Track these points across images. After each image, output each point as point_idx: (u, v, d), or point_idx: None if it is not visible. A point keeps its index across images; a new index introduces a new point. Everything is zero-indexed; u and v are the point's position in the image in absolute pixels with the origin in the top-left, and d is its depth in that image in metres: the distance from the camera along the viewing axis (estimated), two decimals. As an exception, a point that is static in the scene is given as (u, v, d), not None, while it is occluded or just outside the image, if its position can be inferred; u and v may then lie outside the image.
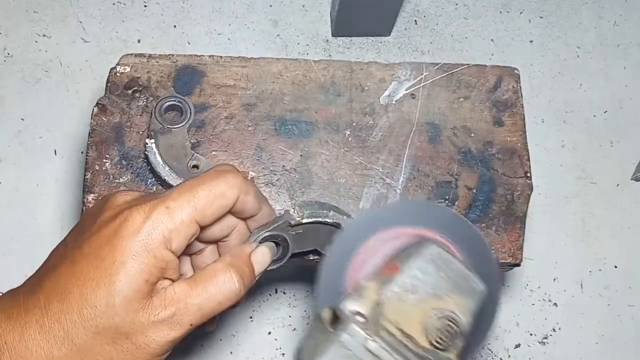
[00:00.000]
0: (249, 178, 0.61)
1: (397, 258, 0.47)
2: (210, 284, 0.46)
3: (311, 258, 0.62)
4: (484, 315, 0.49)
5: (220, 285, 0.46)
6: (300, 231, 0.54)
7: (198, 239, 0.48)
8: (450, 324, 0.44)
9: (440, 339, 0.43)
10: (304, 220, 0.53)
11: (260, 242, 0.51)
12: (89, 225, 0.45)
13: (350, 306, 0.43)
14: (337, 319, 0.43)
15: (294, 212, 0.53)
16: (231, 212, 0.49)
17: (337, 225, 0.55)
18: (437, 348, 0.43)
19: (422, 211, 0.51)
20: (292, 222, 0.52)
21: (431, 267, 0.45)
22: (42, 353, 0.42)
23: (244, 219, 0.51)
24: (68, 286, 0.43)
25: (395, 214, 0.51)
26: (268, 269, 0.52)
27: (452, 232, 0.50)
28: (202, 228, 0.46)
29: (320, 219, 0.54)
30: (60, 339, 0.42)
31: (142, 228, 0.43)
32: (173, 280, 0.45)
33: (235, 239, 0.52)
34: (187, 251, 0.49)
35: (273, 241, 0.52)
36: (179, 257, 0.46)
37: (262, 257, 0.50)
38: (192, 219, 0.45)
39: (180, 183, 0.47)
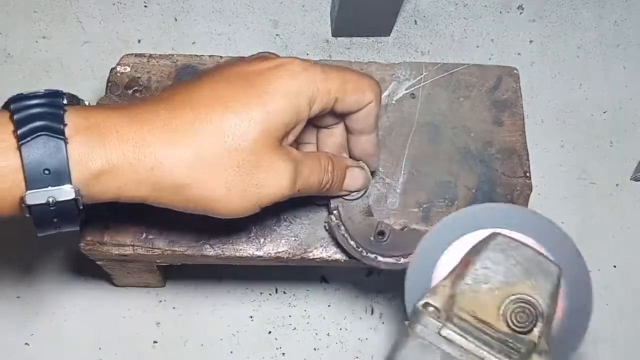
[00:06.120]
0: None
1: (469, 255, 0.49)
2: (314, 161, 0.50)
3: (312, 257, 0.62)
4: (577, 299, 0.50)
5: (322, 166, 0.51)
6: None
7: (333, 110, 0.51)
8: (527, 306, 0.44)
9: (518, 321, 0.44)
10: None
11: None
12: (245, 61, 0.47)
13: (421, 301, 0.45)
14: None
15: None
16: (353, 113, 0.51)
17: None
18: (516, 331, 0.44)
19: (496, 213, 0.52)
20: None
21: (500, 255, 0.46)
22: (158, 145, 0.42)
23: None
24: (215, 100, 0.44)
25: (474, 219, 0.52)
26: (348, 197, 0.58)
27: (532, 229, 0.51)
28: (331, 110, 0.49)
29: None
30: (183, 135, 0.42)
31: (299, 75, 0.45)
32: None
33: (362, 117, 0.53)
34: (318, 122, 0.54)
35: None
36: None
37: (356, 173, 0.55)
38: (336, 94, 0.47)
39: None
